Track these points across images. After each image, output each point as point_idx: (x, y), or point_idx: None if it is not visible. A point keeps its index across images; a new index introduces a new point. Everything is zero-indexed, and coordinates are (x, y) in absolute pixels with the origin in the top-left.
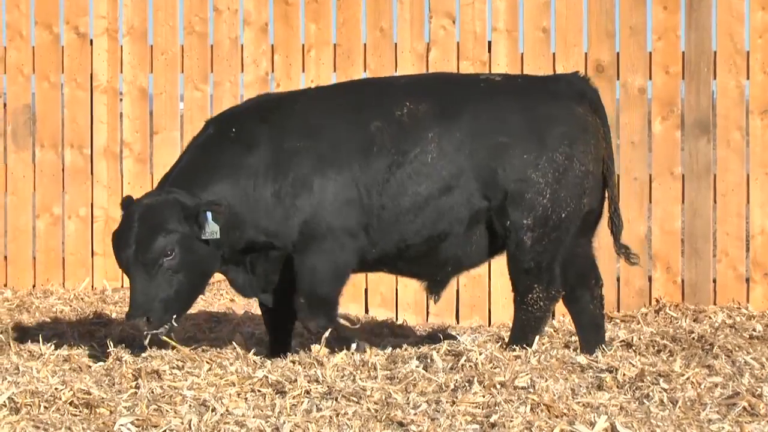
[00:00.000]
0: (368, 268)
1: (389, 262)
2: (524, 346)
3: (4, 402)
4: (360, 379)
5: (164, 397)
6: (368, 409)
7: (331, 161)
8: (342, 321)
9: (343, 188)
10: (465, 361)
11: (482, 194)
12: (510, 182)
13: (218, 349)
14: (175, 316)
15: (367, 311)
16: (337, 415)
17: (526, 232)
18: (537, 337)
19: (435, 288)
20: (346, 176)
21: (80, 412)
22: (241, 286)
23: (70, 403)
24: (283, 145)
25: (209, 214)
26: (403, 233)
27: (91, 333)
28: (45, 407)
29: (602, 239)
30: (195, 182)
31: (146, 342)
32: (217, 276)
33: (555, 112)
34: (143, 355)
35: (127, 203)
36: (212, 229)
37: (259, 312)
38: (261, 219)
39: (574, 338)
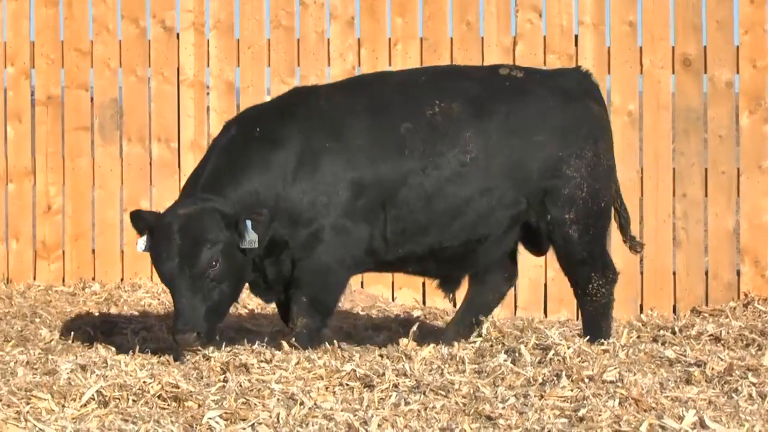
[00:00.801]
0: (388, 270)
1: (417, 263)
2: (601, 336)
3: (93, 395)
4: (448, 372)
5: (252, 390)
6: (456, 403)
7: (356, 164)
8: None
9: (363, 193)
10: (553, 355)
11: (521, 194)
12: (547, 180)
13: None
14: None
15: (454, 305)
16: (425, 409)
17: (570, 226)
18: (611, 324)
19: (450, 287)
20: (369, 180)
21: (168, 405)
22: (263, 289)
23: (159, 397)
24: (311, 145)
25: (249, 223)
26: (438, 236)
27: None
28: (133, 400)
29: (691, 234)
30: (226, 184)
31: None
32: None
33: (579, 110)
34: (231, 348)
35: (138, 217)
36: (252, 238)
37: (346, 306)
38: (284, 218)
39: (663, 332)
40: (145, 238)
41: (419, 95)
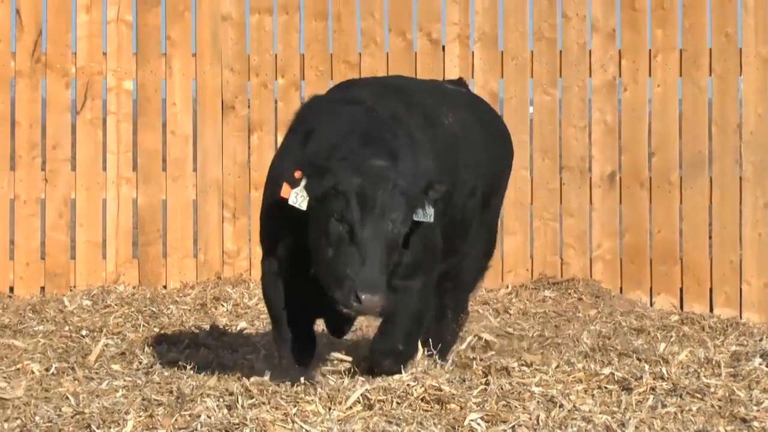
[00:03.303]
0: None
1: None
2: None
3: (358, 398)
4: (704, 376)
5: (513, 393)
6: (712, 406)
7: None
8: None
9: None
10: None
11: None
12: (495, 198)
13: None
14: None
15: (711, 310)
16: (682, 412)
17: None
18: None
19: None
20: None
21: (431, 407)
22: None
23: (422, 399)
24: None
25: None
26: (444, 256)
27: None
28: (397, 403)
29: None
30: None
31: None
32: None
33: (503, 124)
34: (492, 352)
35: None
36: (430, 212)
37: (606, 311)
38: None
39: None
40: (301, 189)
41: (436, 106)
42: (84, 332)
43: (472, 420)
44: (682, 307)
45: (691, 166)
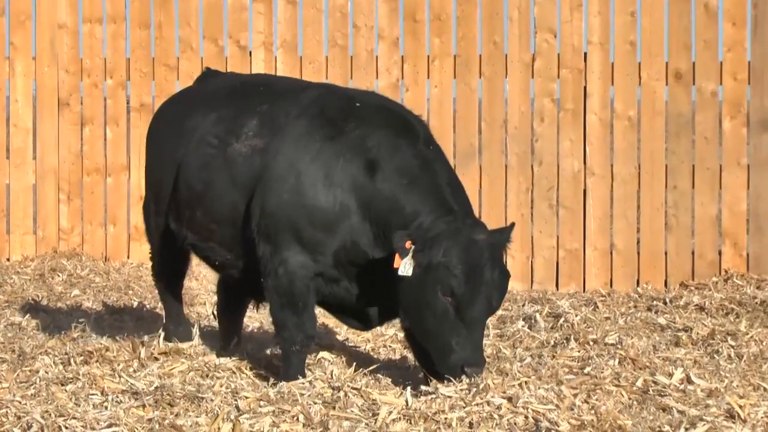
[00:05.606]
0: None
1: None
2: None
3: (177, 357)
4: None
5: (311, 354)
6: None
7: None
8: None
9: None
10: (563, 321)
11: None
12: None
13: None
14: None
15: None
16: None
17: None
18: None
19: None
20: None
21: (239, 365)
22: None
23: (233, 363)
24: None
25: None
26: None
27: None
28: (213, 364)
29: (680, 220)
30: (469, 211)
31: None
32: None
33: None
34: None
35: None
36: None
37: None
38: None
39: (656, 302)
40: (410, 259)
41: None
42: None
43: (273, 380)
44: None
45: (463, 156)
